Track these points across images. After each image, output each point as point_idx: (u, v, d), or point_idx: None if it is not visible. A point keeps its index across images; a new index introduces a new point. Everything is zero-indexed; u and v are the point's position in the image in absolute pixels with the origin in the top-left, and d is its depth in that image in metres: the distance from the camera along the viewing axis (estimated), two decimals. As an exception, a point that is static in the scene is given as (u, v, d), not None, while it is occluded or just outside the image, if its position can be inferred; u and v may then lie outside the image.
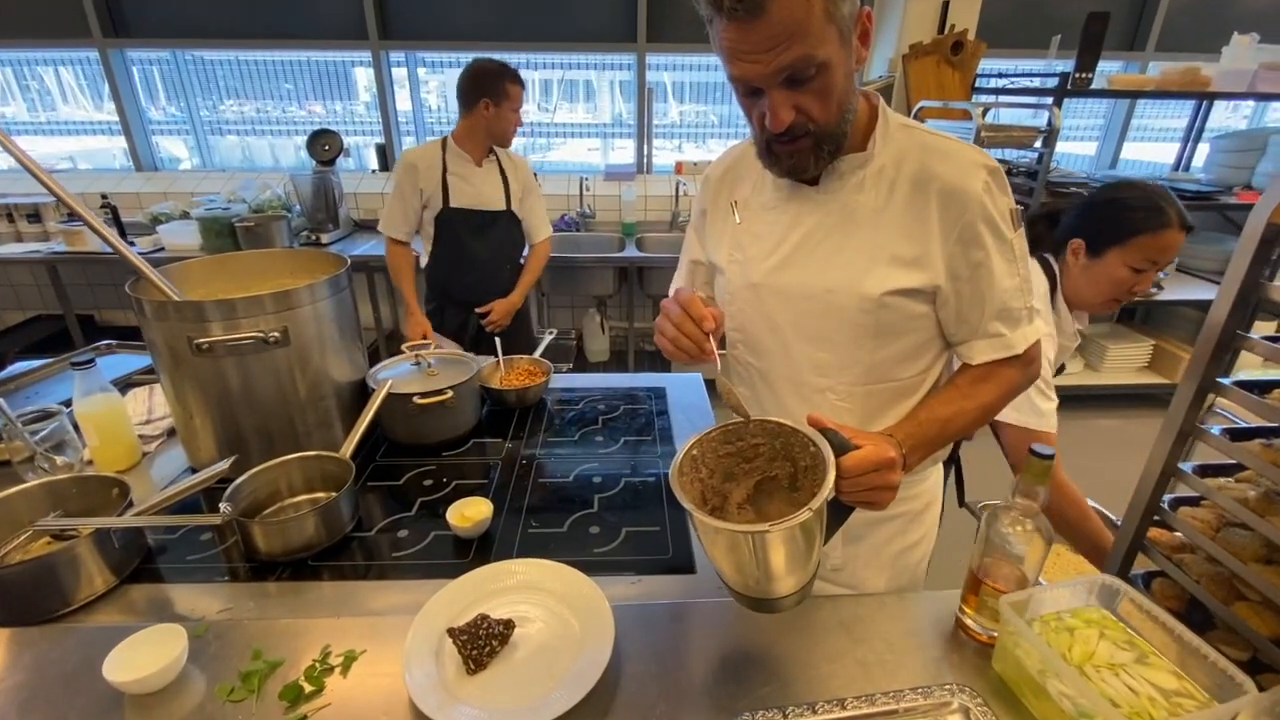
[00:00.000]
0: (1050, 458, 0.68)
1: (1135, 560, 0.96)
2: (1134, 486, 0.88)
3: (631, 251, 3.13)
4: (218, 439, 1.13)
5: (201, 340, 1.01)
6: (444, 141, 2.03)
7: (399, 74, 3.49)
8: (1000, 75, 3.10)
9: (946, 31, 2.81)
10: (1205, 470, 0.91)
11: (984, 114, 2.62)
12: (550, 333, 1.66)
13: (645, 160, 3.58)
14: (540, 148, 3.86)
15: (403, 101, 3.57)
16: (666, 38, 3.31)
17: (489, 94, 1.95)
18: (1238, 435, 0.86)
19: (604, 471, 1.18)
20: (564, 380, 1.56)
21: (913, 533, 0.97)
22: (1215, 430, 0.86)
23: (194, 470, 1.18)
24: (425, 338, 1.91)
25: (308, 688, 0.69)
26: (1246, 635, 0.82)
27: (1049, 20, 3.34)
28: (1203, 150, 3.54)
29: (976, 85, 2.93)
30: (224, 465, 0.92)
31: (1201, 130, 3.57)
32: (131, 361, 1.55)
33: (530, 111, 3.80)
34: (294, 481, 1.05)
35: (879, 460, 0.66)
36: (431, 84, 3.76)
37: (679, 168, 3.52)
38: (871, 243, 0.79)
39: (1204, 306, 3.26)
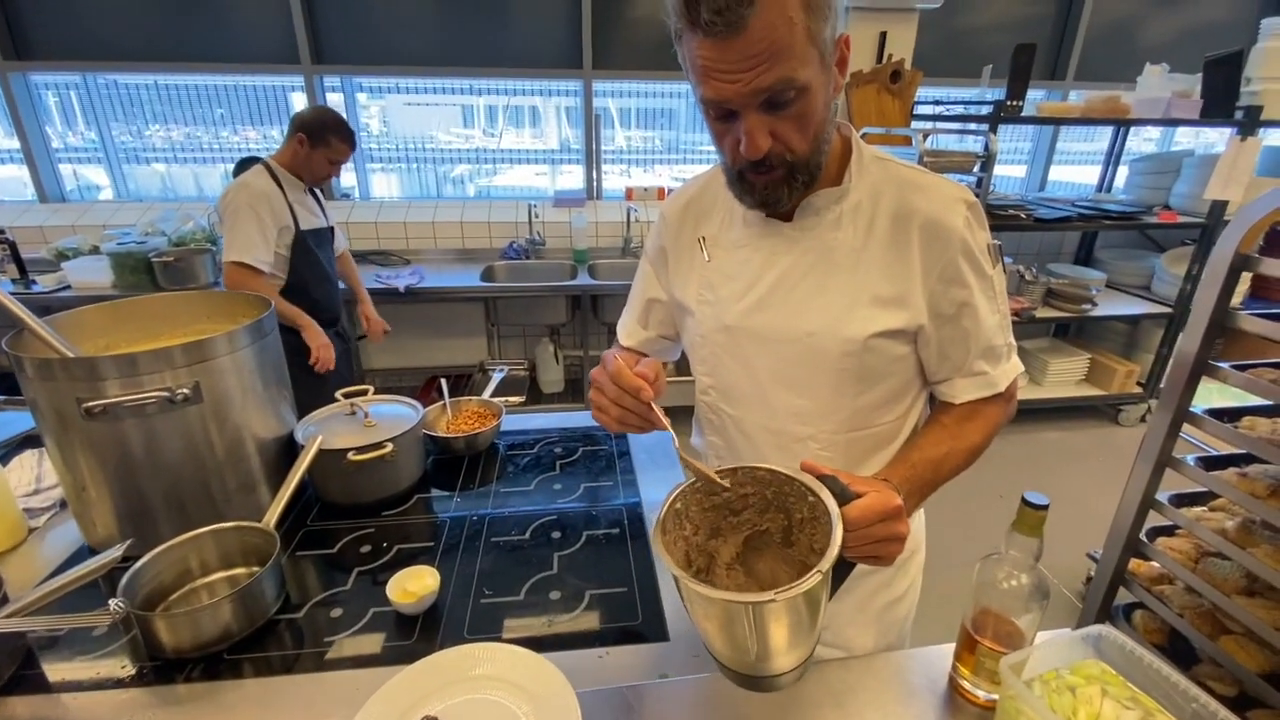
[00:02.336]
0: (1044, 508, 0.64)
1: (1117, 593, 0.94)
2: (1083, 496, 0.85)
3: (585, 279, 3.07)
4: (117, 512, 0.99)
5: (92, 403, 0.88)
6: (268, 168, 2.04)
7: (335, 99, 3.35)
8: (936, 103, 3.21)
9: (885, 61, 2.89)
10: (1180, 500, 0.90)
11: (924, 139, 2.69)
12: (500, 369, 1.57)
13: (595, 186, 3.54)
14: (486, 173, 3.78)
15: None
16: (611, 64, 3.30)
17: (310, 133, 2.01)
18: (1211, 464, 0.85)
19: (564, 524, 1.09)
20: (517, 421, 1.46)
21: (898, 584, 0.91)
22: (1190, 460, 0.84)
23: (91, 549, 1.03)
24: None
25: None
26: (1233, 670, 0.80)
27: (977, 51, 3.50)
28: (1123, 172, 3.75)
29: (915, 113, 3.02)
30: (116, 554, 0.79)
31: (1120, 154, 3.79)
32: (18, 421, 1.35)
33: (475, 137, 3.72)
34: (207, 559, 0.92)
35: (886, 509, 0.60)
36: (373, 109, 3.63)
37: (629, 194, 3.49)
38: (852, 283, 0.74)
39: (1132, 320, 3.43)
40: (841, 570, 0.63)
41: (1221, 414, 0.82)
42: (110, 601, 0.74)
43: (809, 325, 0.76)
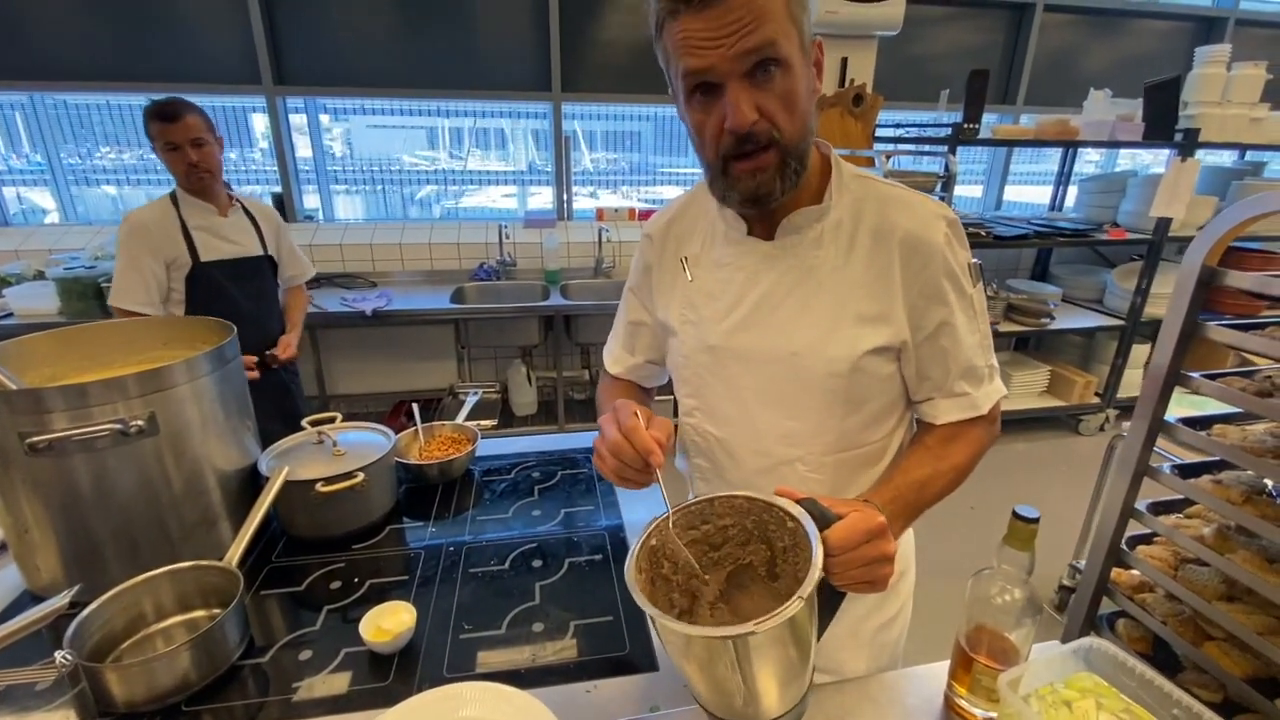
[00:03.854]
0: (1035, 521, 0.64)
1: (1100, 603, 0.94)
2: (1049, 505, 0.86)
3: (557, 299, 3.04)
4: (64, 555, 0.92)
5: (36, 439, 0.82)
6: (173, 196, 1.85)
7: (298, 120, 3.29)
8: (897, 126, 3.32)
9: (847, 85, 2.97)
10: (1157, 508, 0.92)
11: (887, 160, 2.76)
12: (474, 393, 1.53)
13: (565, 207, 3.54)
14: (453, 194, 3.75)
15: (305, 149, 3.37)
16: (580, 87, 3.32)
17: (149, 135, 1.77)
18: (1186, 472, 0.87)
19: (544, 552, 1.05)
20: (492, 445, 1.43)
21: (890, 607, 0.90)
22: (1165, 468, 0.86)
23: (34, 596, 0.95)
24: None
25: None
26: (1218, 676, 0.81)
27: (933, 77, 3.64)
28: (1073, 192, 3.92)
29: (877, 135, 3.11)
30: (62, 600, 0.73)
31: (1070, 174, 3.97)
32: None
33: (441, 159, 3.69)
34: (163, 602, 0.86)
35: (869, 528, 0.58)
36: (335, 131, 3.58)
37: (600, 214, 3.49)
38: (836, 302, 0.74)
39: (1088, 333, 3.56)
40: (832, 600, 0.61)
41: (1192, 423, 0.84)
42: (56, 653, 0.68)
43: (793, 345, 0.75)
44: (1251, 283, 0.70)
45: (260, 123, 3.29)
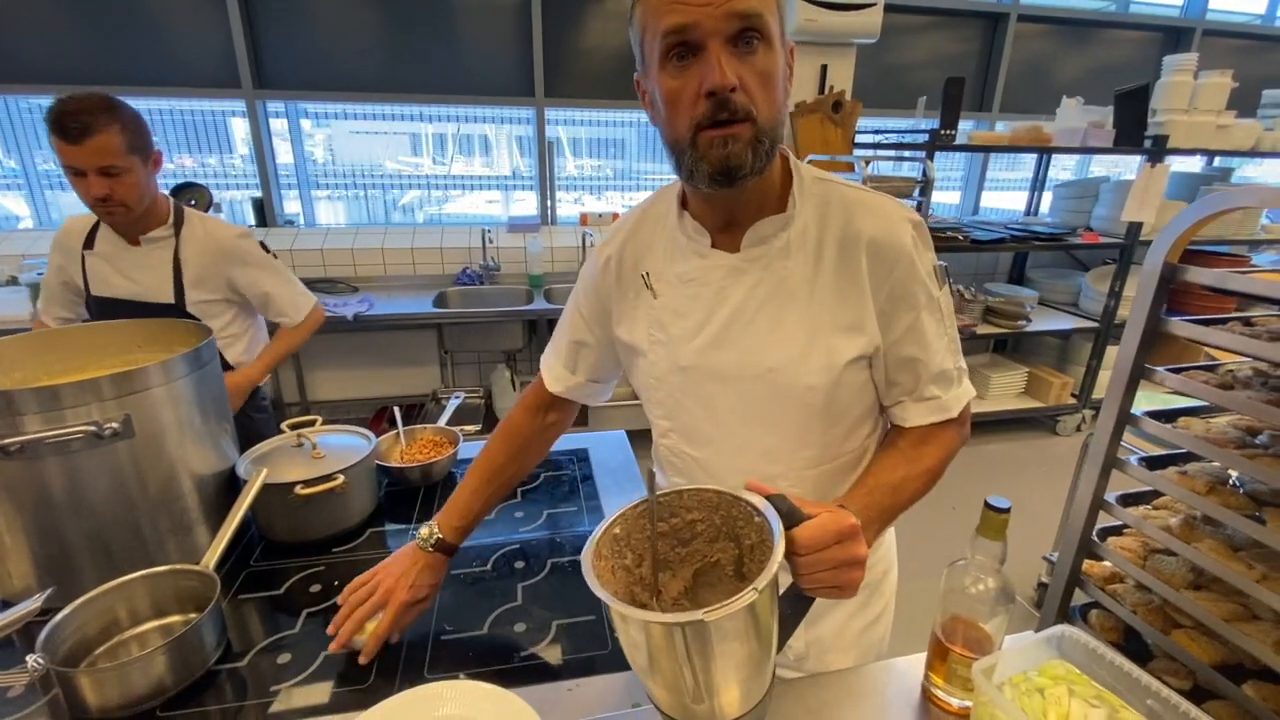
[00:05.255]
0: (1007, 511, 0.66)
1: (1073, 594, 0.96)
2: (1028, 503, 0.88)
3: (541, 304, 3.05)
4: (35, 560, 0.90)
5: (7, 441, 0.80)
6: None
7: (279, 125, 3.27)
8: (875, 132, 3.37)
9: (827, 92, 3.02)
10: (1126, 500, 0.94)
11: (866, 165, 2.81)
12: (456, 396, 1.53)
13: (550, 211, 3.55)
14: (437, 200, 3.73)
15: (286, 154, 3.34)
16: (563, 93, 3.34)
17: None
18: (1152, 464, 0.89)
19: (527, 553, 1.05)
20: (474, 449, 1.42)
21: (874, 606, 0.90)
22: (1133, 460, 0.88)
23: (4, 603, 0.93)
24: None
25: None
26: (1187, 663, 0.83)
27: (910, 84, 3.70)
28: (1047, 197, 4.00)
29: (856, 141, 3.16)
30: (34, 604, 0.71)
31: (1045, 180, 4.05)
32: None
33: (424, 164, 3.68)
34: (138, 607, 0.85)
35: (840, 529, 0.57)
36: (318, 136, 3.55)
37: (584, 219, 3.51)
38: (810, 315, 0.73)
39: (1064, 335, 3.63)
40: (798, 606, 0.60)
41: (1158, 416, 0.86)
42: (29, 658, 0.67)
43: (770, 361, 0.74)
44: (1211, 279, 0.73)
45: (239, 127, 3.26)
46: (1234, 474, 0.81)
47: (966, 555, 0.70)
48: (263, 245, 1.67)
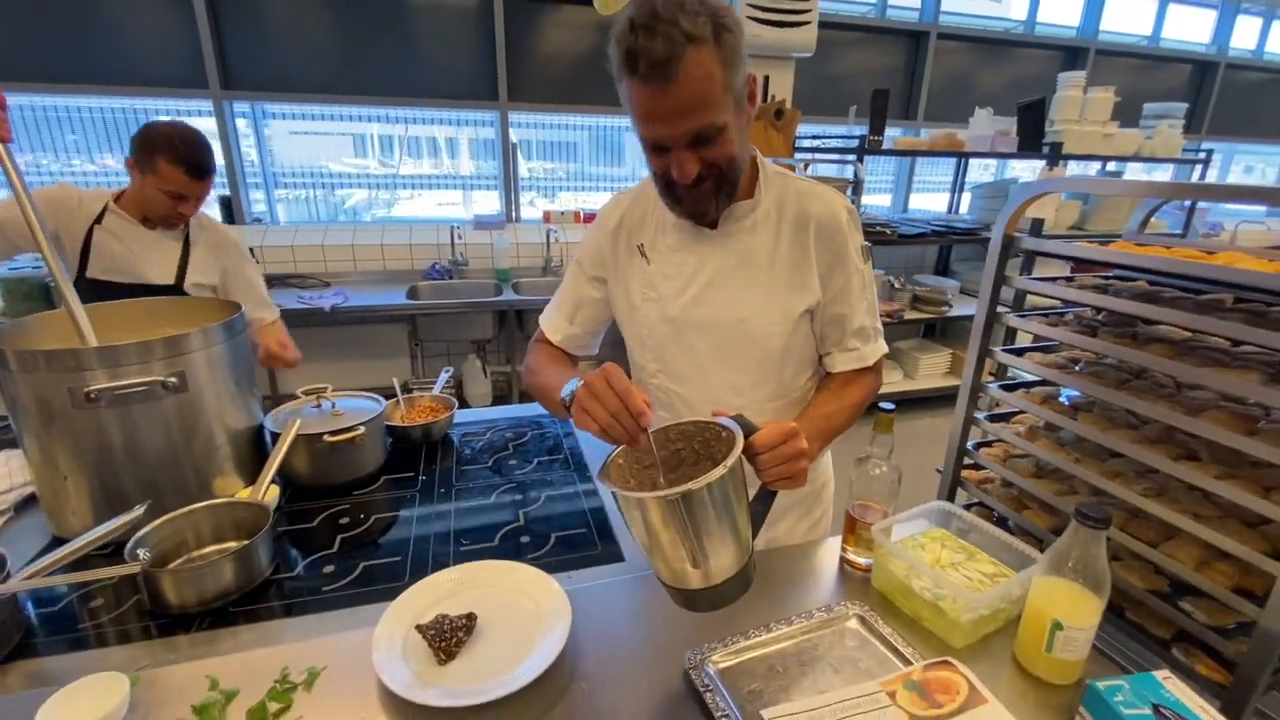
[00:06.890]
0: (893, 411, 0.90)
1: (955, 496, 1.23)
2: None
3: (510, 295, 3.21)
4: (94, 500, 1.04)
5: (93, 389, 0.95)
6: (117, 196, 1.64)
7: (242, 124, 3.33)
8: (814, 137, 3.68)
9: (769, 100, 3.30)
10: (993, 419, 1.21)
11: (805, 167, 3.10)
12: (447, 370, 1.70)
13: (514, 210, 3.71)
14: (387, 202, 3.82)
15: (249, 153, 3.40)
16: (523, 97, 3.51)
17: (138, 156, 1.53)
18: (1008, 390, 1.16)
19: (524, 489, 1.25)
20: (466, 415, 1.60)
21: (815, 511, 1.14)
22: (993, 386, 1.15)
23: (60, 540, 1.07)
24: None
25: (274, 705, 0.69)
26: (1034, 532, 1.09)
27: (844, 94, 4.04)
28: (966, 198, 4.42)
29: (796, 145, 3.45)
30: (138, 511, 0.87)
31: (963, 182, 4.47)
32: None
33: (371, 165, 3.77)
34: (202, 531, 1.01)
35: (785, 431, 0.73)
36: (274, 134, 3.60)
37: (548, 216, 3.69)
38: (770, 277, 0.95)
39: (983, 321, 4.03)
40: (764, 500, 0.75)
41: (1011, 352, 1.13)
42: (139, 550, 0.83)
43: (740, 313, 0.96)
44: (1032, 244, 1.00)
45: (206, 127, 3.29)
46: (1061, 389, 1.08)
47: (869, 450, 0.94)
48: None
